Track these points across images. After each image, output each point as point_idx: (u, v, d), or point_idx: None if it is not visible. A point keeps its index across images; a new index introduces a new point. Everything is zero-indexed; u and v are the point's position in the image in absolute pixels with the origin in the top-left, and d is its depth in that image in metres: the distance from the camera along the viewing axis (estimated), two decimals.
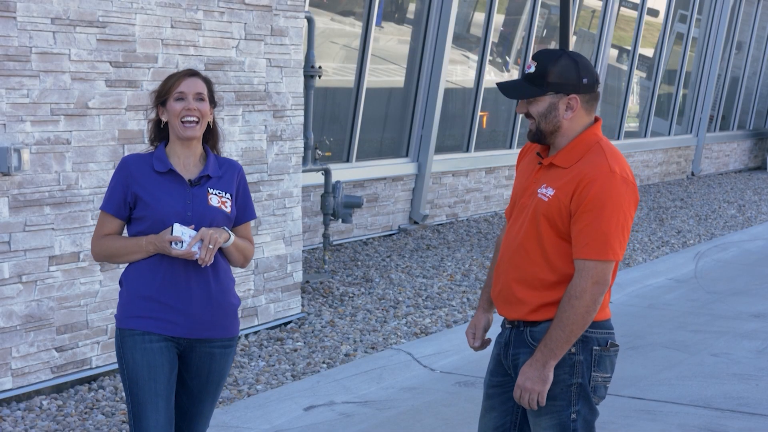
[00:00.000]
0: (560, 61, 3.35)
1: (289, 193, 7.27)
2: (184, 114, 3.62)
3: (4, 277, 5.39)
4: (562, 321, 3.27)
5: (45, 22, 5.50)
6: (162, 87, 3.69)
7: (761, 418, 5.72)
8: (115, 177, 3.68)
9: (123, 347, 3.62)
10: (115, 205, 3.67)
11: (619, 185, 3.27)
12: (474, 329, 3.64)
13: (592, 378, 3.38)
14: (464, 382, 6.28)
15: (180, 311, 3.62)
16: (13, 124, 5.38)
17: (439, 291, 8.54)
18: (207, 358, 3.70)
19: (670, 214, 13.80)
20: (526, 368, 3.32)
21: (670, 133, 18.49)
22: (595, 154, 3.34)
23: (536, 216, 3.35)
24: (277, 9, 7.03)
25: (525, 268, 3.39)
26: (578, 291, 3.25)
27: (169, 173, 3.65)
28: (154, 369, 3.58)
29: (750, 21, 20.78)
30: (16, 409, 5.43)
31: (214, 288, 3.67)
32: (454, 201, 12.48)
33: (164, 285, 3.61)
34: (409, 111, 11.65)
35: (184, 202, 3.63)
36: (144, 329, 3.60)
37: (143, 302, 3.61)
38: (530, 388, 3.30)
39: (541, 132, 3.39)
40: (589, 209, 3.25)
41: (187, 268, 3.62)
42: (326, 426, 5.52)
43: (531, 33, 13.64)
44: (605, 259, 3.26)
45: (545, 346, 3.29)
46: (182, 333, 3.64)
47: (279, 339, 6.95)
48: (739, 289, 9.25)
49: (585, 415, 3.39)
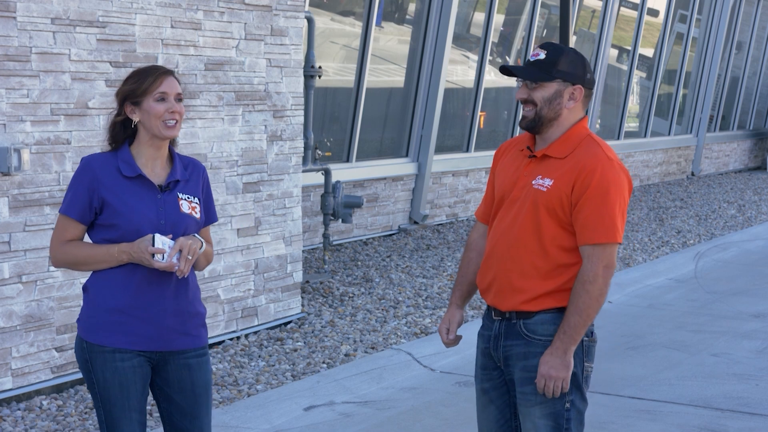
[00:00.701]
0: (570, 54, 3.48)
1: (289, 193, 7.27)
2: (168, 116, 3.46)
3: (4, 277, 5.39)
4: (578, 306, 3.36)
5: (45, 22, 5.50)
6: (136, 85, 3.46)
7: (761, 418, 5.72)
8: (77, 179, 3.45)
9: (92, 363, 3.44)
10: (79, 210, 3.44)
11: (617, 172, 3.41)
12: (448, 324, 3.66)
13: (585, 368, 3.47)
14: (464, 382, 6.28)
15: (151, 323, 3.44)
16: (13, 124, 5.38)
17: (439, 291, 8.54)
18: (185, 370, 3.53)
19: (670, 214, 13.80)
20: (548, 357, 3.39)
21: (670, 133, 18.49)
22: (589, 145, 3.45)
23: (535, 206, 3.42)
24: (277, 9, 7.03)
25: (522, 257, 3.44)
26: (591, 275, 3.36)
27: (137, 178, 3.46)
28: (126, 388, 3.43)
29: (750, 21, 20.78)
30: (16, 409, 5.43)
31: (184, 298, 3.52)
32: (454, 201, 12.48)
33: (136, 296, 3.43)
34: (409, 111, 11.65)
35: (156, 210, 3.46)
36: (114, 346, 3.41)
37: (112, 315, 3.42)
38: (555, 376, 3.37)
39: (540, 118, 3.46)
40: (593, 196, 3.36)
41: (161, 279, 3.45)
42: (326, 426, 5.52)
43: (531, 33, 13.64)
44: (613, 242, 3.37)
45: (564, 333, 3.37)
46: (155, 347, 3.47)
47: (279, 339, 6.95)
48: (739, 289, 9.25)
49: (578, 405, 3.46)
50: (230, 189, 6.74)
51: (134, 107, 3.48)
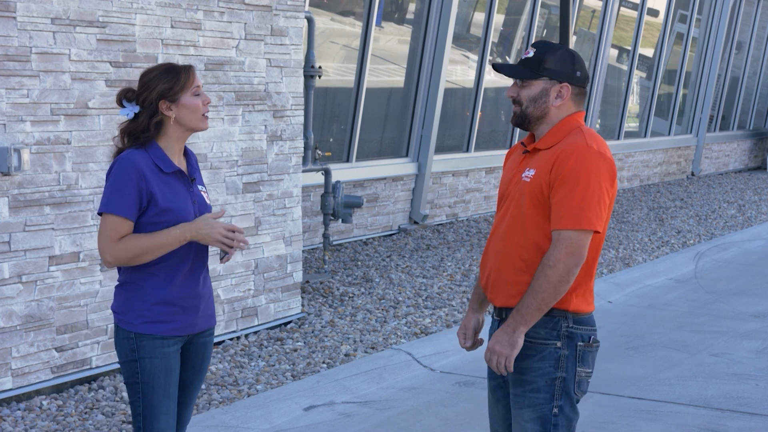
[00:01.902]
0: (558, 51, 3.45)
1: (289, 193, 7.27)
2: (204, 109, 3.62)
3: (4, 277, 5.39)
4: (534, 288, 3.30)
5: (45, 22, 5.50)
6: (172, 83, 3.56)
7: (761, 418, 5.72)
8: (123, 177, 3.49)
9: (139, 351, 3.57)
10: (131, 207, 3.49)
11: (594, 158, 3.33)
12: (465, 329, 3.66)
13: (577, 373, 3.43)
14: (464, 382, 6.28)
15: (192, 311, 3.63)
16: (13, 124, 5.38)
17: (439, 291, 8.54)
18: (202, 348, 3.74)
19: (670, 214, 13.80)
20: (498, 332, 3.36)
21: (670, 133, 18.49)
22: (574, 134, 3.41)
23: (521, 198, 3.41)
24: (277, 9, 7.03)
25: (509, 250, 3.43)
26: (552, 260, 3.28)
27: (174, 173, 3.59)
28: (169, 373, 3.60)
29: (750, 21, 20.78)
30: (16, 409, 5.43)
31: (207, 281, 3.73)
32: (454, 201, 12.48)
33: (181, 288, 3.59)
34: (409, 111, 11.65)
35: (191, 202, 3.62)
36: (162, 334, 3.57)
37: (161, 307, 3.57)
38: (498, 351, 3.34)
39: (526, 116, 3.46)
40: (565, 181, 3.31)
41: (196, 268, 3.63)
42: (326, 426, 5.52)
43: (531, 33, 13.64)
44: (580, 229, 3.28)
45: (517, 312, 3.33)
46: (191, 330, 3.66)
47: (279, 339, 6.95)
48: (739, 289, 9.25)
49: (567, 412, 3.42)
50: (230, 189, 6.74)
51: (171, 104, 3.57)
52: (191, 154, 3.75)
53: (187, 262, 3.59)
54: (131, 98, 3.58)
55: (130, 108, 3.58)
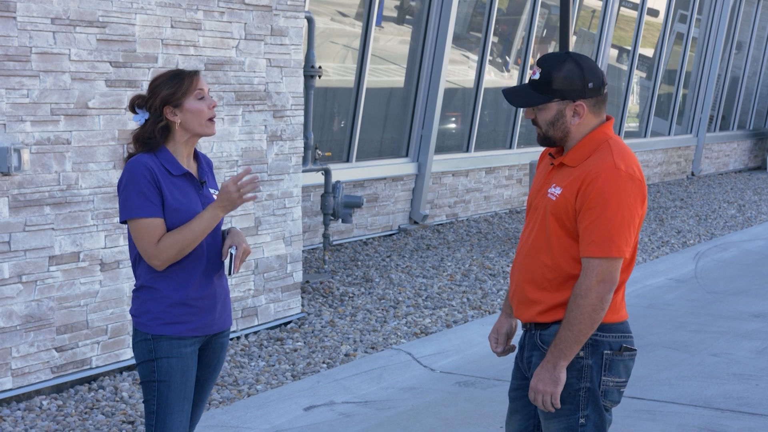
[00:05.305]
0: (565, 67, 3.31)
1: (289, 193, 7.27)
2: (210, 113, 3.62)
3: (4, 277, 5.39)
4: (569, 321, 3.24)
5: (45, 22, 5.50)
6: (175, 89, 3.58)
7: (761, 418, 5.72)
8: (139, 180, 3.53)
9: (156, 351, 3.60)
10: (157, 207, 3.53)
11: (624, 181, 3.23)
12: (496, 334, 3.61)
13: (603, 382, 3.35)
14: (464, 382, 6.28)
15: (209, 311, 3.66)
16: (13, 124, 5.38)
17: (439, 291, 8.54)
18: (219, 349, 3.78)
19: (670, 214, 13.80)
20: (539, 370, 3.30)
21: (670, 133, 18.49)
22: (603, 151, 3.30)
23: (546, 216, 3.34)
24: (277, 9, 7.03)
25: (534, 268, 3.37)
26: (583, 290, 3.22)
27: (184, 176, 3.61)
28: (186, 373, 3.63)
29: (750, 21, 20.78)
30: (16, 409, 5.43)
31: (225, 281, 3.76)
32: (454, 201, 12.49)
33: (197, 289, 3.62)
34: (409, 111, 11.65)
35: (201, 205, 3.63)
36: (179, 335, 3.61)
37: (179, 308, 3.60)
38: (542, 390, 3.29)
39: (549, 138, 3.39)
40: (593, 206, 3.22)
41: (212, 269, 3.66)
42: (326, 426, 5.52)
43: (531, 33, 13.64)
44: (610, 257, 3.22)
45: (555, 347, 3.27)
46: (209, 331, 3.69)
47: (279, 339, 6.95)
48: (739, 289, 9.25)
49: (594, 420, 3.36)
50: None
51: (175, 109, 3.59)
52: (203, 157, 3.77)
53: (201, 264, 3.62)
54: (141, 105, 3.63)
55: (141, 114, 3.63)
